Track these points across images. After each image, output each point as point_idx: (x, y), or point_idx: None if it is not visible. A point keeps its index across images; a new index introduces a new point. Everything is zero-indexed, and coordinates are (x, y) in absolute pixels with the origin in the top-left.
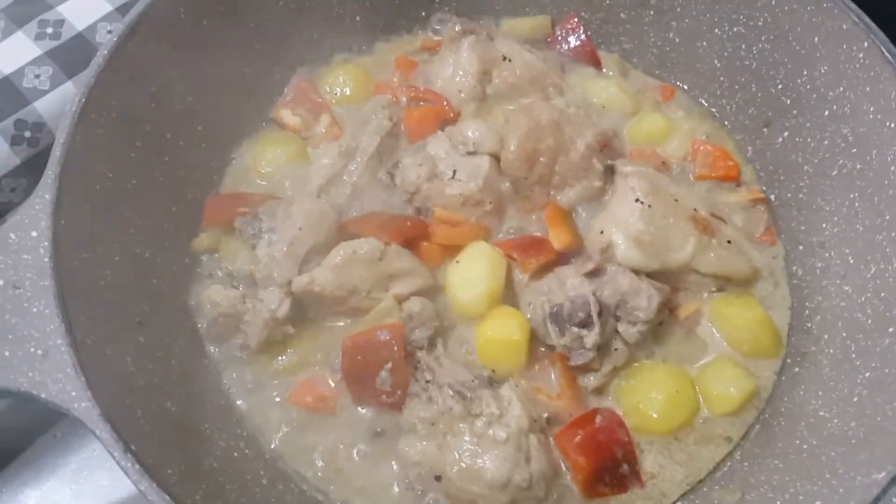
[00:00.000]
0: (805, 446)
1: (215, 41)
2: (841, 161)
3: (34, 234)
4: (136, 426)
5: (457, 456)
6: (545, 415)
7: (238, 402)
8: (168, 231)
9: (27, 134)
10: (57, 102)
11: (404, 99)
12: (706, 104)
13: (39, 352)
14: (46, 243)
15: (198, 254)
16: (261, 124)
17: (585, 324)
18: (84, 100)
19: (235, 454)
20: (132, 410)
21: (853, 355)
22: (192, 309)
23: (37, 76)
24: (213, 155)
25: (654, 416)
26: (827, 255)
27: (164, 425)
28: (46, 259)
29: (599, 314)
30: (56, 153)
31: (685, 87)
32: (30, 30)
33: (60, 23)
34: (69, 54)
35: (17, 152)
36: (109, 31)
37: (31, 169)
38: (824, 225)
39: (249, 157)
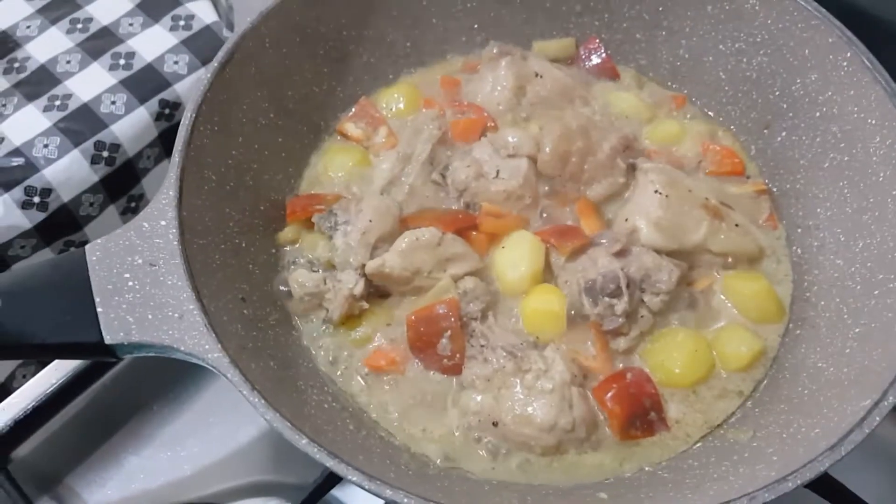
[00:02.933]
0: (806, 392)
1: (292, 66)
2: (831, 155)
3: (163, 223)
4: (252, 375)
5: (510, 405)
6: (583, 373)
7: (323, 366)
8: (258, 226)
9: (105, 154)
10: (131, 125)
11: (450, 111)
12: (713, 110)
13: (176, 315)
14: (174, 230)
15: (282, 245)
16: (329, 136)
17: (616, 294)
18: (194, 115)
19: (326, 406)
20: (248, 364)
21: (845, 316)
22: (280, 289)
23: (112, 102)
24: (290, 162)
25: (677, 371)
26: (821, 235)
27: (269, 379)
28: (175, 242)
29: (627, 286)
30: (175, 159)
31: (695, 96)
32: (104, 61)
33: (132, 55)
34: (140, 83)
35: (95, 171)
36: (176, 62)
37: (108, 186)
38: (818, 210)
39: (320, 164)
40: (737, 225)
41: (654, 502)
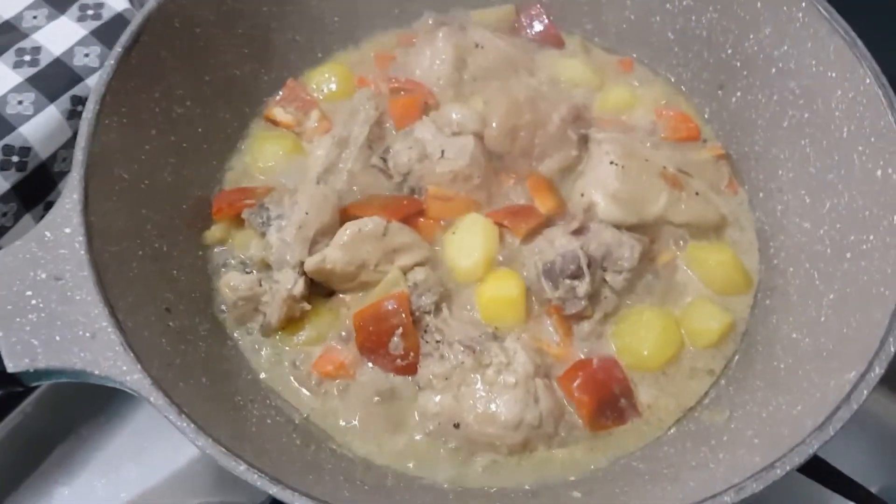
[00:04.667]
0: (782, 366)
1: (208, 48)
2: (790, 112)
3: (68, 230)
4: (180, 396)
5: (472, 403)
6: (547, 362)
7: (263, 376)
8: (180, 226)
9: (15, 159)
10: (42, 126)
11: (387, 90)
12: (664, 74)
13: (88, 334)
14: (81, 238)
15: (210, 246)
16: (255, 123)
17: (576, 275)
18: (97, 107)
19: (269, 421)
20: (174, 383)
21: (817, 282)
22: (210, 295)
23: (20, 102)
24: (214, 154)
25: (645, 353)
26: (785, 197)
27: (203, 398)
28: (83, 252)
29: (588, 265)
30: (78, 157)
31: (644, 59)
32: (8, 58)
33: (38, 50)
34: (49, 79)
35: (5, 177)
36: (86, 55)
37: (21, 193)
38: (780, 171)
39: (248, 154)
40: (697, 193)
41: (631, 497)
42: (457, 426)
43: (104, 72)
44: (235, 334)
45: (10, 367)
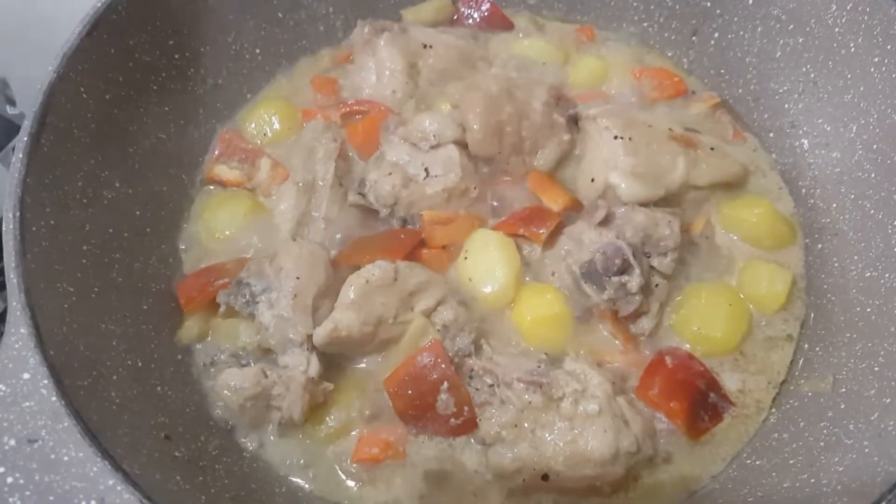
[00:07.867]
0: (868, 309)
1: (124, 114)
2: (781, 41)
3: (26, 375)
4: None
5: (556, 446)
6: (617, 374)
7: (301, 484)
8: (148, 332)
9: None
10: None
11: (338, 117)
12: (629, 33)
13: (93, 502)
14: (46, 381)
15: (188, 345)
16: (199, 189)
17: (624, 269)
18: (18, 213)
19: None
20: None
21: (872, 211)
22: (207, 404)
23: None
24: (161, 237)
25: (719, 335)
26: (800, 131)
27: None
28: (54, 398)
29: (633, 255)
30: (12, 280)
31: (602, 23)
32: None
33: None
34: None
35: None
36: None
37: None
38: (786, 106)
39: (200, 226)
40: (712, 149)
41: (769, 501)
42: (545, 478)
43: (15, 169)
44: (249, 443)
45: None
